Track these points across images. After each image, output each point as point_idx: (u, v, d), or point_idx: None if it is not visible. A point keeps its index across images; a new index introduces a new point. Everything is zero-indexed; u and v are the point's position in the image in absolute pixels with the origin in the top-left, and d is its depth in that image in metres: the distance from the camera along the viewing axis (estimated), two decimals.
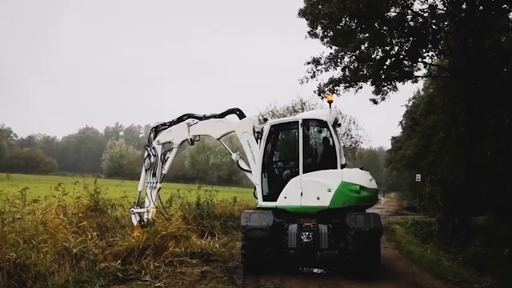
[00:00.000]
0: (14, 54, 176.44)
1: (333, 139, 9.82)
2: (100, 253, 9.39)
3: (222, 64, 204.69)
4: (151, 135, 12.15)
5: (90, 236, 9.66)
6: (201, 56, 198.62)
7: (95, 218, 11.06)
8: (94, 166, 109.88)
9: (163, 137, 11.93)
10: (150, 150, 11.88)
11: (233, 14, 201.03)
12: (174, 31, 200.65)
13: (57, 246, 8.33)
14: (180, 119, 11.79)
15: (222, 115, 11.39)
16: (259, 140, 10.36)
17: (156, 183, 11.78)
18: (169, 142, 11.90)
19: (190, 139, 11.63)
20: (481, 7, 16.72)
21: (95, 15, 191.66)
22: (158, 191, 11.89)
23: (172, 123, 11.89)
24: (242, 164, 10.84)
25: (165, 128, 11.99)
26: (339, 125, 11.88)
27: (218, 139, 11.58)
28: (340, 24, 19.23)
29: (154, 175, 11.80)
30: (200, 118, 11.59)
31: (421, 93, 38.11)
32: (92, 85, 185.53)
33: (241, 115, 11.18)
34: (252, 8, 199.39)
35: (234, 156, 11.03)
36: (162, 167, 11.90)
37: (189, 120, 11.66)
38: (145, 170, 11.92)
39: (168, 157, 11.97)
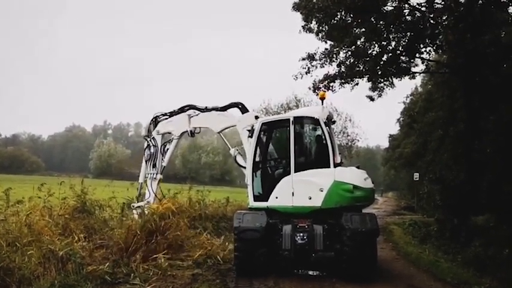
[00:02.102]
0: (5, 51, 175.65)
1: (325, 137, 9.81)
2: (87, 256, 9.35)
3: (222, 64, 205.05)
4: (151, 125, 12.26)
5: (76, 238, 9.62)
6: (201, 56, 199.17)
7: (82, 220, 11.03)
8: (81, 166, 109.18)
9: (163, 127, 12.11)
10: (150, 140, 12.00)
11: (233, 13, 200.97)
12: (174, 31, 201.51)
13: (43, 248, 8.28)
14: (181, 110, 11.90)
15: (224, 108, 11.49)
16: (249, 139, 10.38)
17: (157, 174, 11.97)
18: (169, 133, 12.05)
19: (191, 131, 11.74)
20: (480, 1, 16.79)
21: (93, 15, 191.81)
22: (159, 182, 12.05)
23: (173, 114, 12.05)
24: (240, 160, 10.86)
25: (166, 118, 12.13)
26: (334, 122, 11.90)
27: (218, 133, 11.64)
28: (336, 18, 19.25)
29: (154, 166, 12.04)
30: (202, 110, 11.68)
31: (419, 89, 38.23)
32: (83, 84, 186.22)
33: (243, 109, 11.26)
34: (253, 7, 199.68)
35: (232, 151, 11.09)
36: (162, 159, 12.06)
37: (191, 112, 11.78)
38: (146, 161, 12.16)
39: (167, 148, 12.14)
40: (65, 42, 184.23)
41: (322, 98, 10.68)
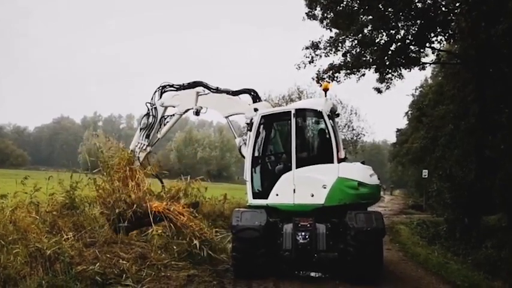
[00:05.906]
0: None
1: (328, 131, 9.80)
2: (76, 255, 9.35)
3: (222, 64, 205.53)
4: (157, 93, 12.20)
5: (65, 236, 9.61)
6: (199, 47, 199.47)
7: (70, 217, 10.98)
8: (70, 159, 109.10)
9: (168, 100, 12.07)
10: (151, 109, 12.00)
11: (233, 12, 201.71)
12: (170, 23, 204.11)
13: (29, 247, 8.28)
14: (190, 85, 11.85)
15: (236, 93, 11.47)
16: (248, 132, 10.36)
17: (147, 146, 12.00)
18: (173, 107, 12.06)
19: (196, 109, 11.73)
20: None
21: (83, 8, 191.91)
22: (147, 154, 12.11)
23: (181, 88, 11.97)
24: (244, 151, 10.82)
25: (173, 90, 12.10)
26: (337, 115, 11.88)
27: (226, 117, 11.62)
28: (341, 4, 19.26)
29: (147, 137, 12.04)
30: (212, 90, 11.68)
31: (429, 81, 38.25)
32: (73, 75, 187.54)
33: (255, 98, 11.26)
34: (254, 5, 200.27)
35: (237, 140, 11.08)
36: (158, 131, 12.11)
37: (200, 89, 11.74)
38: (140, 129, 12.15)
39: (167, 121, 12.18)
40: (58, 33, 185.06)
41: (326, 89, 10.65)
